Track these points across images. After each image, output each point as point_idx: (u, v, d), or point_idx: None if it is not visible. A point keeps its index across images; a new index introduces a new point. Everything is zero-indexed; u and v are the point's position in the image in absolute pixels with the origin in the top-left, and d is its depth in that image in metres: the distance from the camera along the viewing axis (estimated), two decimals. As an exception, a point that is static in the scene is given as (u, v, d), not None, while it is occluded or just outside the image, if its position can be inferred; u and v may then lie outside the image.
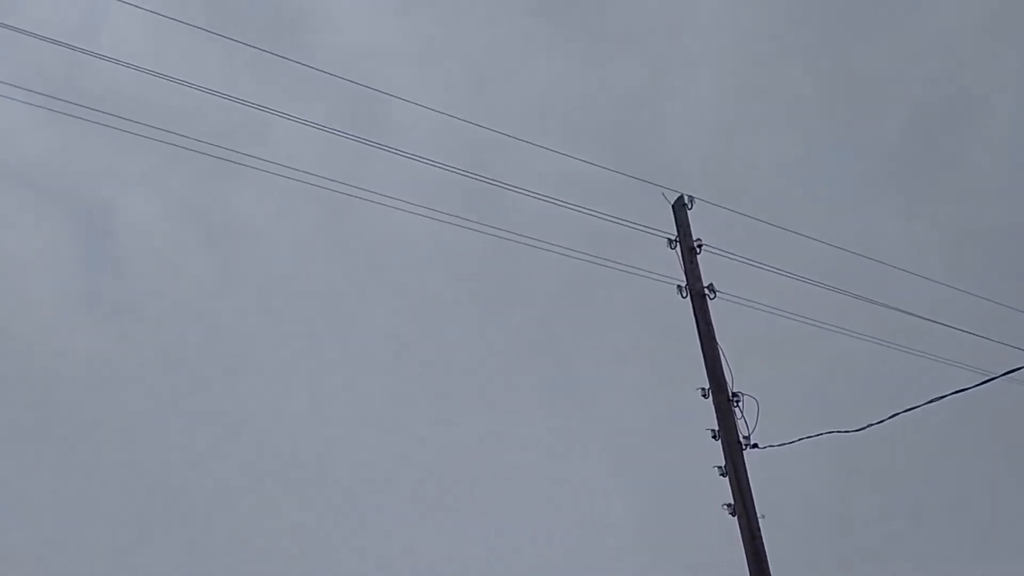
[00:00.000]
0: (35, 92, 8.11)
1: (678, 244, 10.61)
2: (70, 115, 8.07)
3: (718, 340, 9.84)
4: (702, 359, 9.80)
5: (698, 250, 10.52)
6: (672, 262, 10.46)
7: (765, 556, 7.99)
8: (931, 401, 9.57)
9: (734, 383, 9.55)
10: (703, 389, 9.49)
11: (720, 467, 8.81)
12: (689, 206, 10.82)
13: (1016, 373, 9.40)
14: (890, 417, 9.79)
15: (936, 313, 11.71)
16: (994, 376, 9.27)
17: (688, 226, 10.73)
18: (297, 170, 9.46)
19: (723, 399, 9.31)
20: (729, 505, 8.45)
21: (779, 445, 9.30)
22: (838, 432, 9.92)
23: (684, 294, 10.24)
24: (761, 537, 8.06)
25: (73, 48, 7.93)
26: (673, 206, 10.88)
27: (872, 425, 9.79)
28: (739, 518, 8.29)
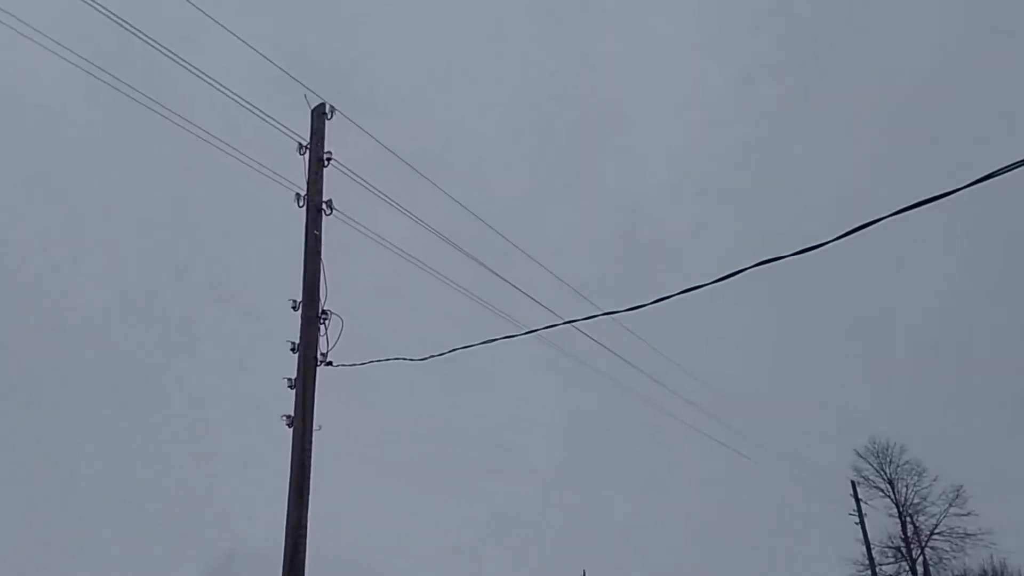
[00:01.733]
0: None
1: (308, 152, 10.41)
2: None
3: (323, 256, 9.99)
4: (302, 271, 9.88)
5: (326, 163, 10.44)
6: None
7: (309, 467, 8.51)
8: (485, 342, 11.15)
9: (327, 300, 9.83)
10: (294, 301, 9.59)
11: (290, 379, 9.06)
12: (329, 116, 10.64)
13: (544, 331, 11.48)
14: (449, 351, 11.11)
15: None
16: (515, 335, 11.12)
17: (323, 136, 10.57)
18: None
19: (312, 315, 9.54)
20: (288, 417, 8.77)
21: (350, 365, 9.88)
22: (405, 359, 10.92)
23: (301, 203, 10.14)
24: (311, 450, 8.55)
25: None
26: (312, 112, 10.61)
27: (434, 356, 11.01)
28: (295, 430, 8.67)
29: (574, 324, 10.96)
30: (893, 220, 7.61)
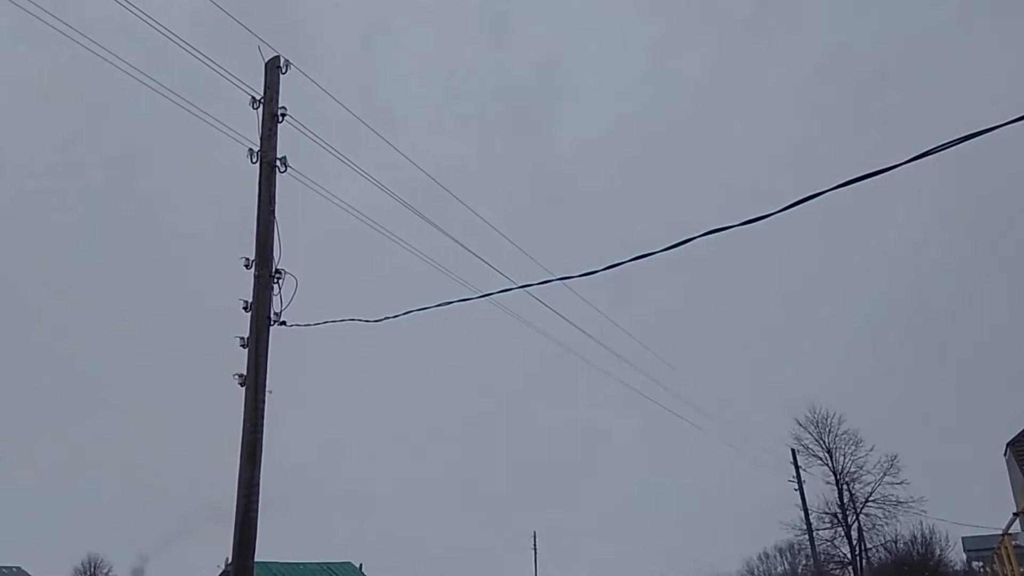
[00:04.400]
0: None
1: (261, 106, 10.13)
2: None
3: (276, 214, 9.78)
4: (255, 229, 9.67)
5: (280, 118, 10.19)
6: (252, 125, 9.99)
7: (262, 426, 8.41)
8: (440, 304, 11.13)
9: (281, 258, 9.65)
10: (247, 259, 9.39)
11: (243, 338, 8.91)
12: (283, 70, 10.36)
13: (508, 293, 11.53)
14: (404, 313, 11.06)
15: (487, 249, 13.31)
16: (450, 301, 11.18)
17: (277, 91, 10.29)
18: None
19: (265, 273, 9.35)
20: (241, 376, 8.63)
21: (304, 325, 9.75)
22: (360, 320, 10.82)
23: (254, 160, 9.89)
24: (263, 409, 8.45)
25: None
26: (267, 65, 10.30)
27: (388, 318, 10.94)
28: (247, 390, 8.54)
29: (527, 289, 10.99)
30: (837, 192, 7.73)
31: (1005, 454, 30.00)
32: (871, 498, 46.11)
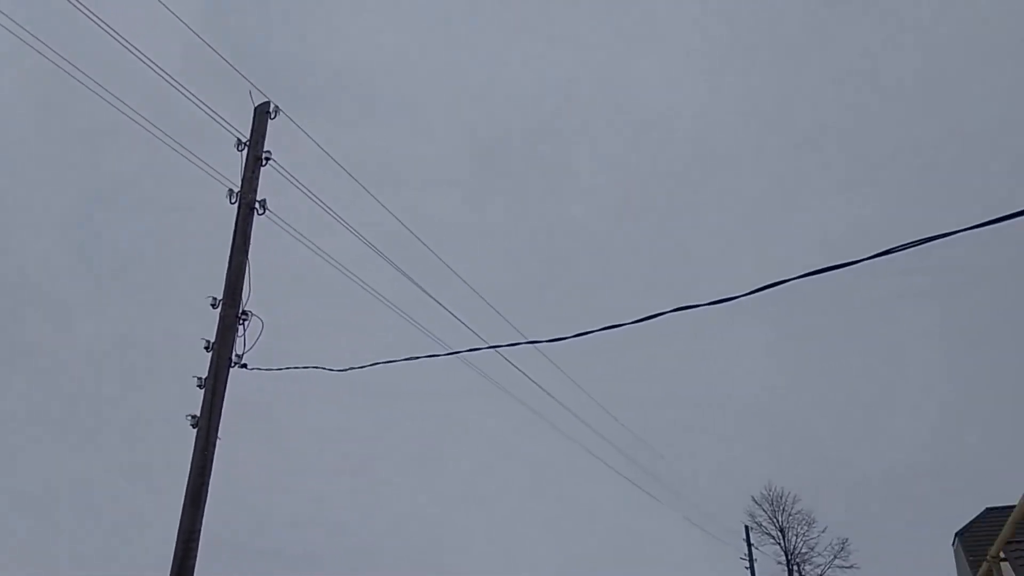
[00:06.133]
0: None
1: (246, 149, 10.25)
2: None
3: (248, 256, 9.82)
4: (226, 269, 9.69)
5: (264, 162, 10.30)
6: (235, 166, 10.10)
7: (210, 470, 8.31)
8: (407, 359, 11.16)
9: (250, 300, 9.66)
10: (214, 299, 9.39)
11: (200, 379, 8.85)
12: (272, 115, 10.52)
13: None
14: (370, 365, 11.08)
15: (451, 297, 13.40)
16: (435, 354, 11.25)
17: (263, 135, 10.43)
18: None
19: (232, 314, 9.35)
20: (193, 416, 8.55)
21: (266, 369, 9.72)
22: (324, 368, 10.81)
23: (233, 200, 9.96)
24: (213, 453, 8.36)
25: None
26: (256, 109, 10.46)
27: (354, 368, 10.95)
28: (199, 431, 8.46)
29: (498, 350, 11.07)
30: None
31: (953, 544, 30.20)
32: (821, 580, 45.94)
